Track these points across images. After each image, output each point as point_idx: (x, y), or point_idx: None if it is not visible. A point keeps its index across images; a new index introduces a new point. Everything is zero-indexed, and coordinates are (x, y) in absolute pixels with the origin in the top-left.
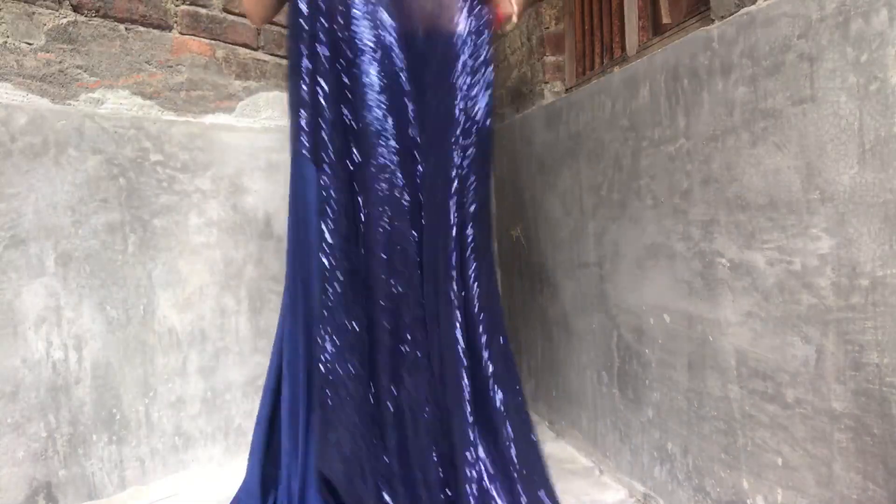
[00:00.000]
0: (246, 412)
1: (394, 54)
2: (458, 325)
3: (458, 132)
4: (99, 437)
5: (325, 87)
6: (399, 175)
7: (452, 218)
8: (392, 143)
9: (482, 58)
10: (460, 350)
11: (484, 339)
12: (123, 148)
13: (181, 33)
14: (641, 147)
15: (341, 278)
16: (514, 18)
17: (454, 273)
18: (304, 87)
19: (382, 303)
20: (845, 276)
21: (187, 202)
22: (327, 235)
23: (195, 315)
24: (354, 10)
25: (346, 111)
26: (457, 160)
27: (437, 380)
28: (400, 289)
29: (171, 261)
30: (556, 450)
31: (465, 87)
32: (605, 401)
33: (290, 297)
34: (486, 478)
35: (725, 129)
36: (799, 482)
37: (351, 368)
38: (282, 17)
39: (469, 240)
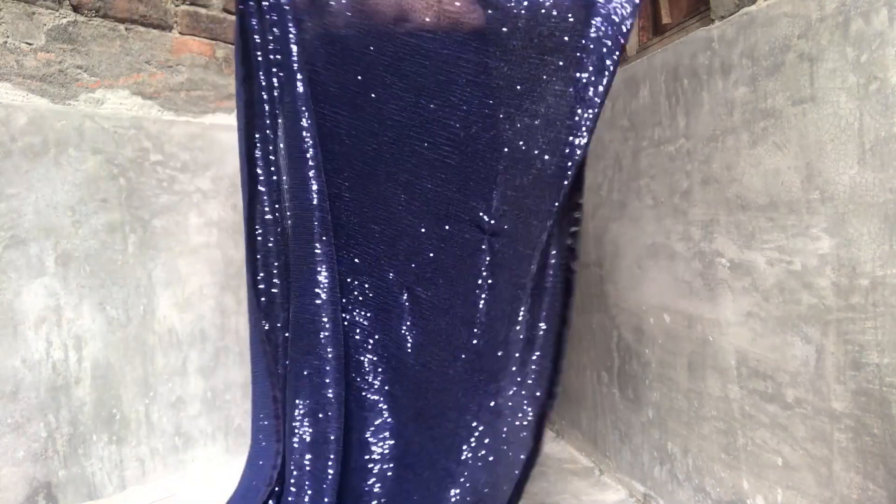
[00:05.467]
0: (246, 412)
1: None
2: None
3: None
4: (99, 437)
5: None
6: None
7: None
8: None
9: None
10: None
11: None
12: (123, 148)
13: (181, 33)
14: (641, 147)
15: None
16: None
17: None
18: None
19: None
20: (845, 276)
21: (187, 202)
22: None
23: (195, 315)
24: None
25: None
26: None
27: None
28: None
29: (171, 261)
30: (556, 450)
31: None
32: (605, 401)
33: None
34: None
35: (725, 129)
36: (799, 482)
37: None
38: None
39: None
